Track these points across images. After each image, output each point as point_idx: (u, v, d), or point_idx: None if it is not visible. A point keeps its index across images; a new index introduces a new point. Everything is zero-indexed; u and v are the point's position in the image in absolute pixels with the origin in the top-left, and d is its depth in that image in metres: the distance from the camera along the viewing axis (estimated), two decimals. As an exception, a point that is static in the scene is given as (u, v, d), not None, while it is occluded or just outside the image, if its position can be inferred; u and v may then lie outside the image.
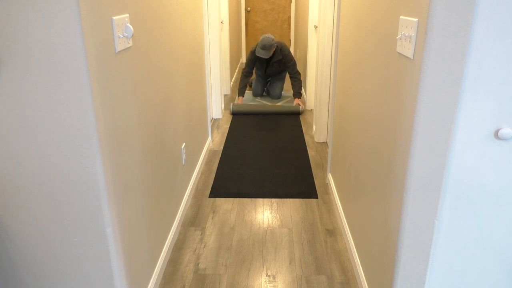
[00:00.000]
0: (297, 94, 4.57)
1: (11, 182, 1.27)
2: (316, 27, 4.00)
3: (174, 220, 2.20)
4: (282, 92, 5.18)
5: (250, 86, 5.34)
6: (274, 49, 4.49)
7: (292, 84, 4.62)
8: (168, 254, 2.06)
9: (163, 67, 1.93)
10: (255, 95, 5.09)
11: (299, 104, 4.41)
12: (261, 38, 4.47)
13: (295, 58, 4.75)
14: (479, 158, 1.21)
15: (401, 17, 1.27)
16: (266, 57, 4.44)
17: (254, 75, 5.59)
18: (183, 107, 2.41)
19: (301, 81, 4.57)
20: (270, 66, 4.73)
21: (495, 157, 1.21)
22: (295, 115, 4.35)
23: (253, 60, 4.64)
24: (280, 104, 4.47)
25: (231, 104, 4.40)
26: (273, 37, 4.43)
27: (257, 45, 4.56)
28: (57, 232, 1.33)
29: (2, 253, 1.37)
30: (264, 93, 5.18)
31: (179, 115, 2.30)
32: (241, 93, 4.73)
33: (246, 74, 4.70)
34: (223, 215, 2.47)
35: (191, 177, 2.70)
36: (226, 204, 2.60)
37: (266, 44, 4.38)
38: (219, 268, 2.01)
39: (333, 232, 2.30)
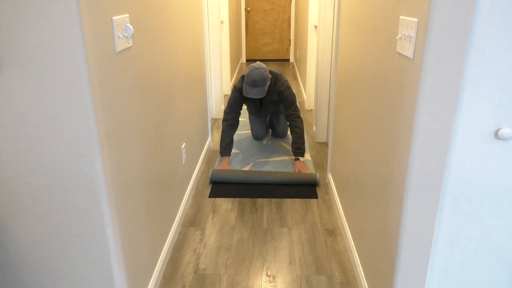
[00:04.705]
0: (297, 152, 3.05)
1: (11, 182, 1.27)
2: (316, 27, 4.00)
3: (174, 220, 2.20)
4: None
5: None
6: (269, 84, 3.02)
7: (291, 134, 3.13)
8: (168, 254, 2.06)
9: (163, 67, 1.93)
10: (256, 138, 3.64)
11: (309, 171, 2.98)
12: (248, 69, 2.93)
13: (294, 94, 3.16)
14: (479, 158, 1.21)
15: (401, 17, 1.27)
16: (259, 97, 2.93)
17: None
18: (183, 107, 2.41)
19: (302, 130, 3.08)
20: (264, 106, 3.32)
21: (495, 157, 1.21)
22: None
23: (240, 99, 3.10)
24: (285, 171, 2.93)
25: (211, 170, 2.92)
26: (265, 66, 2.97)
27: (242, 79, 3.07)
28: (57, 232, 1.33)
29: (2, 253, 1.37)
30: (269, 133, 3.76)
31: (179, 115, 2.30)
32: (225, 151, 3.09)
33: (230, 122, 3.08)
34: (223, 215, 2.47)
35: (191, 177, 2.70)
36: (226, 204, 2.60)
37: (257, 80, 2.87)
38: (219, 268, 2.01)
39: (333, 232, 2.30)
